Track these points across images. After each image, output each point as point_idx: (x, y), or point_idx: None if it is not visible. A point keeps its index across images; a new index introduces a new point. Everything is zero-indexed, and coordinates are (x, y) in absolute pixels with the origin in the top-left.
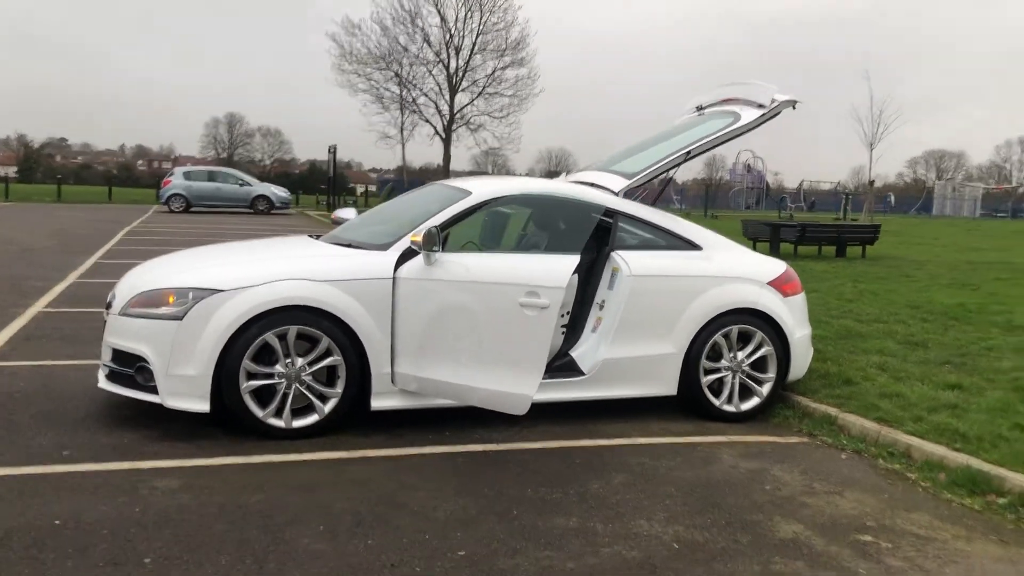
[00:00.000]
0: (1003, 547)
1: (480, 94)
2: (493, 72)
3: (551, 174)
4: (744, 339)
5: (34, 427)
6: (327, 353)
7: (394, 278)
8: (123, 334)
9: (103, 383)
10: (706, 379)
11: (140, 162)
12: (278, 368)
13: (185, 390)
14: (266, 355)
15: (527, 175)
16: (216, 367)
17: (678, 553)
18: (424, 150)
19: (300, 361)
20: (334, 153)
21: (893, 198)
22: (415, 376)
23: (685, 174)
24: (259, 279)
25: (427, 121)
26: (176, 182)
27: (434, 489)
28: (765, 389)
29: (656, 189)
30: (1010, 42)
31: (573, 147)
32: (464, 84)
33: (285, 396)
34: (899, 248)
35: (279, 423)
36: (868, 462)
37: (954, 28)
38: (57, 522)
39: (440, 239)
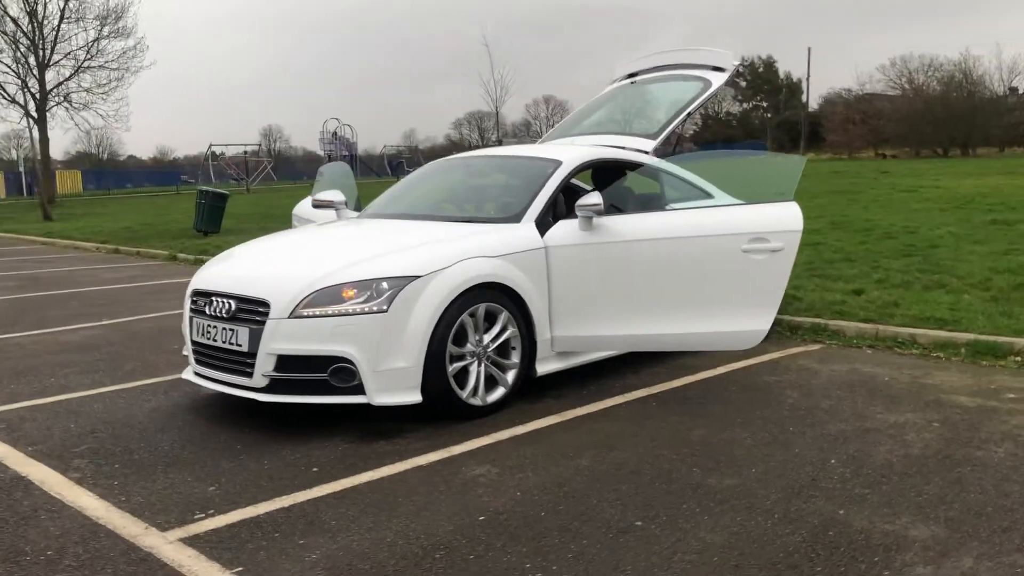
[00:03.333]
0: None
1: (79, 68)
2: (96, 41)
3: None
4: None
5: (223, 456)
6: (505, 326)
7: (545, 247)
8: (308, 338)
9: (266, 397)
10: None
11: None
12: (468, 347)
13: (396, 384)
14: (458, 336)
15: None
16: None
17: (948, 427)
18: None
19: (486, 338)
20: None
21: None
22: (578, 336)
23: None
24: (447, 260)
25: (12, 100)
26: None
27: (697, 426)
28: None
29: (669, 146)
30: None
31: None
32: (56, 57)
33: (478, 375)
34: None
35: (477, 401)
36: (889, 352)
37: None
38: (482, 518)
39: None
